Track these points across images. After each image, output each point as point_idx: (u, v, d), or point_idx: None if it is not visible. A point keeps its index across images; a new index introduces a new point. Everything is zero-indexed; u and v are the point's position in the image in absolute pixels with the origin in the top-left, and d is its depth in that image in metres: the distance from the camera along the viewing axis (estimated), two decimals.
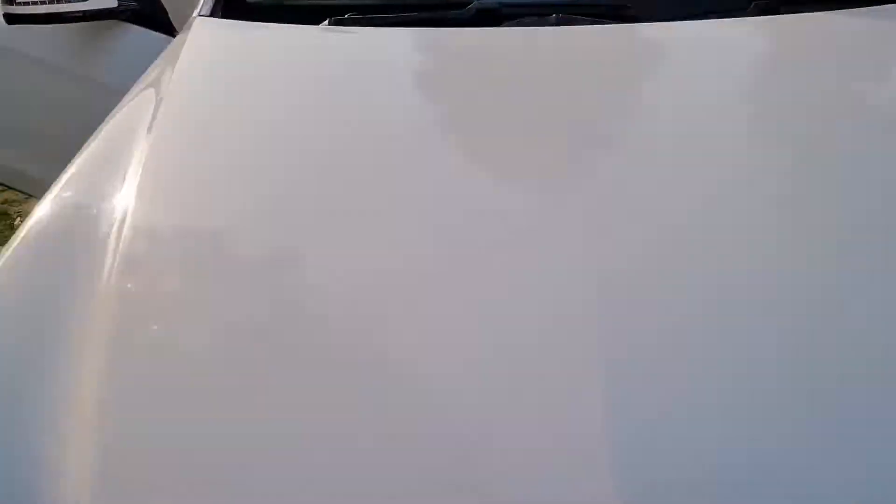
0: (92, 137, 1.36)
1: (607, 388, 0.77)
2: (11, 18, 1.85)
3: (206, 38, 1.61)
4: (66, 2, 1.82)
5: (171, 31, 1.99)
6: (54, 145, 1.98)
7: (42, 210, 1.17)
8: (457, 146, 1.25)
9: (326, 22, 1.57)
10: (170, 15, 2.08)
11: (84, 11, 1.85)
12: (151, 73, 1.53)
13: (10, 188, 2.82)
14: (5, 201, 3.50)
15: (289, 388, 0.84)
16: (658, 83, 1.38)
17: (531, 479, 0.73)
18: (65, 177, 1.25)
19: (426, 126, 1.31)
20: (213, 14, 1.66)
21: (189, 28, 1.65)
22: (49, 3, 1.81)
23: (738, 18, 1.51)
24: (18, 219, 3.37)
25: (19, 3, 1.82)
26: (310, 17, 1.60)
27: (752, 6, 1.50)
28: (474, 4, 1.54)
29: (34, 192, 2.45)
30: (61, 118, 2.06)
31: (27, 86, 2.13)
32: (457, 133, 1.28)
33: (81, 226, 1.12)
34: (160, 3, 2.05)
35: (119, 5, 1.89)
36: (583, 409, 0.76)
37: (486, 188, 1.12)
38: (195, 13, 1.70)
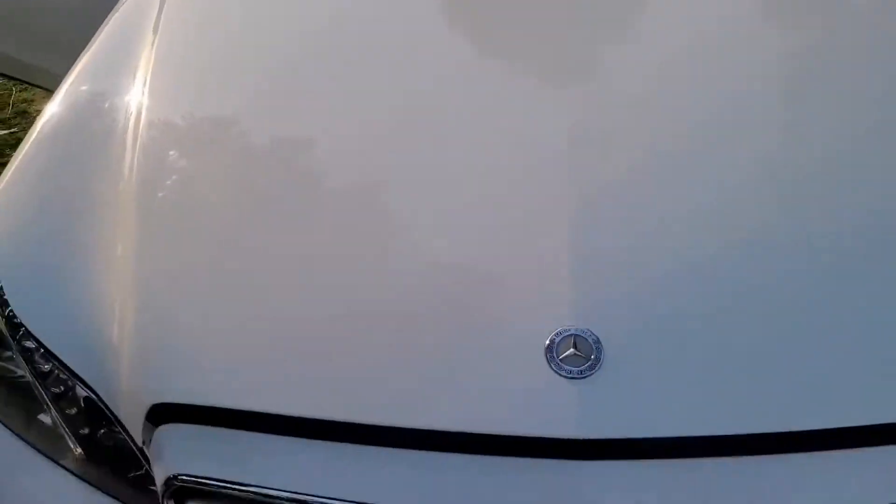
0: (101, 28, 1.47)
1: (575, 214, 0.92)
2: None
3: None
4: None
5: None
6: (58, 34, 2.25)
7: (57, 102, 1.30)
8: (453, 27, 1.33)
9: None
10: None
11: None
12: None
13: (15, 79, 2.90)
14: (24, 101, 3.65)
15: (306, 242, 0.99)
16: None
17: (507, 289, 0.88)
18: (76, 69, 1.38)
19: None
20: None
21: None
22: None
23: None
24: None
25: None
26: None
27: None
28: None
29: (42, 83, 2.68)
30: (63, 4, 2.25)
31: None
32: (452, 15, 1.35)
33: (97, 117, 1.24)
34: None
35: None
36: (552, 231, 0.90)
37: (477, 61, 1.23)
38: None
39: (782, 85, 1.14)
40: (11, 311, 1.03)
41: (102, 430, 1.01)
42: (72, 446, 1.03)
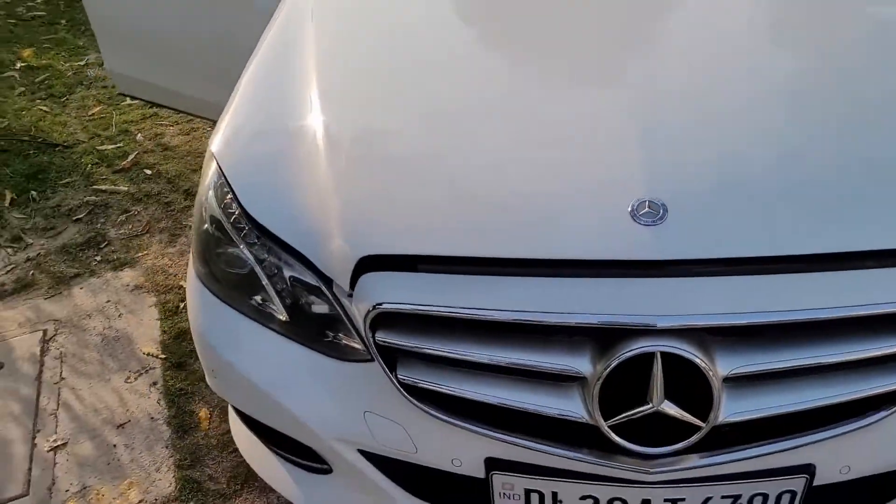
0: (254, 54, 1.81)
1: (647, 119, 1.35)
2: None
3: None
4: None
5: None
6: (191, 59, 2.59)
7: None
8: (539, 31, 1.69)
9: None
10: None
11: None
12: None
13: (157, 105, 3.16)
14: (126, 122, 3.75)
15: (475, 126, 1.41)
16: None
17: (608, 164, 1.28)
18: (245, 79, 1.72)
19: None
20: None
21: None
22: None
23: None
24: (139, 135, 3.59)
25: None
26: None
27: None
28: None
29: (182, 107, 2.90)
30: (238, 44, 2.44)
31: (205, 15, 2.54)
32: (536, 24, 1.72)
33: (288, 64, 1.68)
34: None
35: None
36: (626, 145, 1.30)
37: (559, 53, 1.61)
38: None
39: None
40: (242, 207, 1.40)
41: (306, 299, 1.35)
42: (280, 316, 1.38)
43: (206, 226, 1.49)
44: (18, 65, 4.60)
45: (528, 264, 1.18)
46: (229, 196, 1.45)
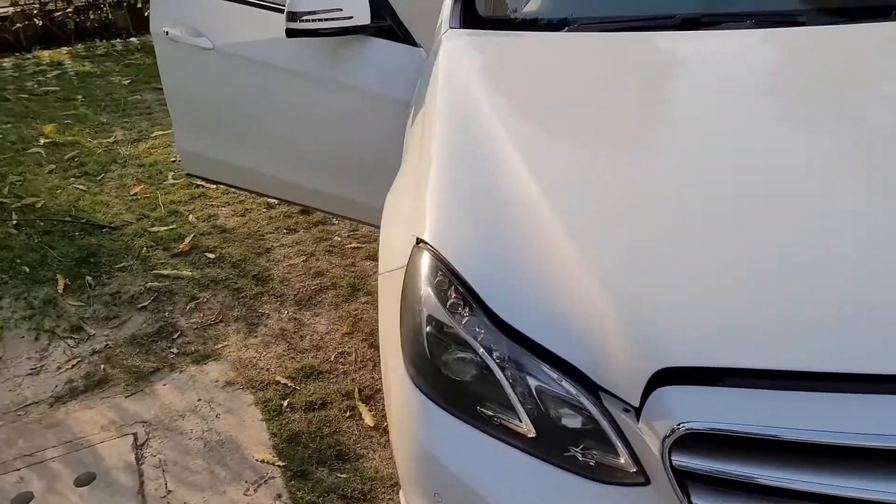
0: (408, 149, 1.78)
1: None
2: (291, 33, 2.19)
3: (471, 47, 1.97)
4: (336, 20, 2.19)
5: (411, 41, 2.31)
6: (326, 155, 2.54)
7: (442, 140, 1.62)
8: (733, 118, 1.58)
9: (566, 29, 1.96)
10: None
11: (349, 27, 2.21)
12: (434, 81, 1.86)
13: (281, 200, 3.04)
14: (173, 202, 3.56)
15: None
16: None
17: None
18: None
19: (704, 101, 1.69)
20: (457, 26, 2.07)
21: (446, 39, 2.00)
22: (323, 20, 2.19)
23: None
24: (191, 216, 3.41)
25: (304, 20, 2.17)
26: (540, 26, 2.04)
27: None
28: (683, 13, 1.95)
29: (305, 202, 2.79)
30: (324, 126, 2.50)
31: (285, 97, 2.53)
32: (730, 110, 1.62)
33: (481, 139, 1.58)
34: (398, 17, 2.37)
35: (373, 21, 2.24)
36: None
37: (783, 140, 1.49)
38: (444, 27, 2.11)
39: None
40: (482, 305, 1.24)
41: (557, 411, 1.19)
42: (523, 429, 1.21)
43: (425, 328, 1.34)
44: (42, 141, 4.42)
45: (860, 379, 1.07)
46: (455, 292, 1.31)
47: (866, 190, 1.33)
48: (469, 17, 2.16)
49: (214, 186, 3.74)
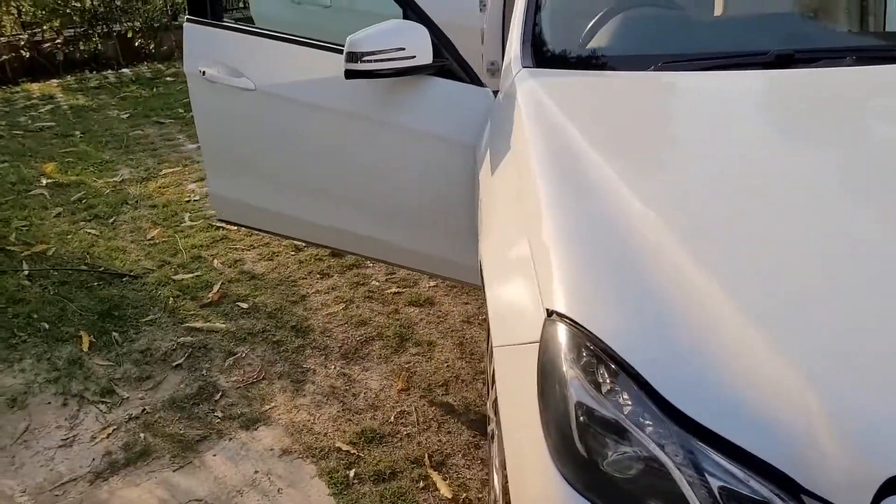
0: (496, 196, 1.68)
1: None
2: (351, 74, 2.07)
3: (554, 88, 1.86)
4: (397, 60, 2.06)
5: (477, 81, 2.19)
6: (380, 200, 2.39)
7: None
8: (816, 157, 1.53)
9: (653, 68, 1.87)
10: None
11: (411, 67, 2.09)
12: (518, 126, 1.74)
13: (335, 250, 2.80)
14: (194, 246, 3.27)
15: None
16: None
17: None
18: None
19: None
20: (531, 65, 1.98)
21: (521, 80, 1.89)
22: (385, 61, 2.06)
23: None
24: (216, 261, 3.21)
25: (365, 61, 2.06)
26: (622, 65, 1.94)
27: None
28: (775, 51, 1.86)
29: (354, 249, 2.61)
30: (379, 169, 2.35)
31: (336, 140, 2.38)
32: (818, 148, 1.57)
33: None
34: (461, 56, 2.25)
35: (434, 60, 2.12)
36: None
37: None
38: (514, 66, 2.00)
39: None
40: (652, 393, 1.09)
41: None
42: None
43: (574, 416, 1.19)
44: (44, 181, 4.21)
45: None
46: (610, 375, 1.16)
47: None
48: (541, 56, 2.04)
49: (236, 228, 3.56)
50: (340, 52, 2.32)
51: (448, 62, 2.18)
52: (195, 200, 3.93)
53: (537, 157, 1.61)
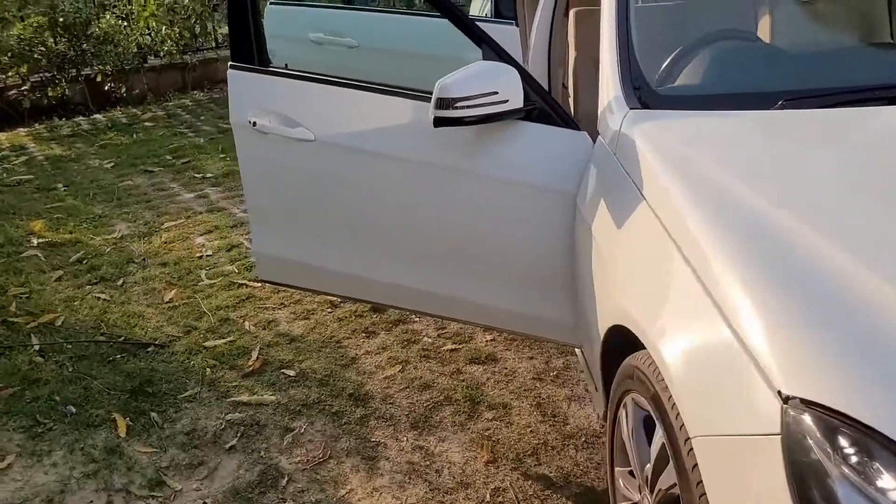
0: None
1: None
2: (441, 122, 1.91)
3: (677, 131, 1.74)
4: (490, 105, 1.90)
5: (572, 124, 2.01)
6: (460, 256, 2.19)
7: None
8: None
9: (778, 105, 1.75)
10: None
11: (504, 111, 1.92)
12: (648, 176, 1.62)
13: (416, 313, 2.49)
14: (219, 307, 2.96)
15: None
16: None
17: None
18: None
19: None
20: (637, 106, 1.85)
21: (631, 122, 1.77)
22: (476, 106, 1.89)
23: None
24: (247, 323, 2.90)
25: (457, 107, 1.88)
26: (743, 103, 1.80)
27: None
28: None
29: (426, 309, 2.36)
30: (461, 223, 2.14)
31: (410, 192, 2.18)
32: None
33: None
34: (553, 98, 2.07)
35: (526, 104, 1.96)
36: None
37: None
38: (617, 106, 1.87)
39: None
40: None
41: None
42: None
43: None
44: (35, 241, 3.88)
45: None
46: (886, 468, 0.99)
47: None
48: (647, 96, 1.89)
49: (261, 286, 3.31)
50: (411, 97, 2.14)
51: (538, 104, 2.01)
52: (208, 256, 3.66)
53: (702, 215, 1.42)
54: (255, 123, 2.28)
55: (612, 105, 1.93)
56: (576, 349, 2.30)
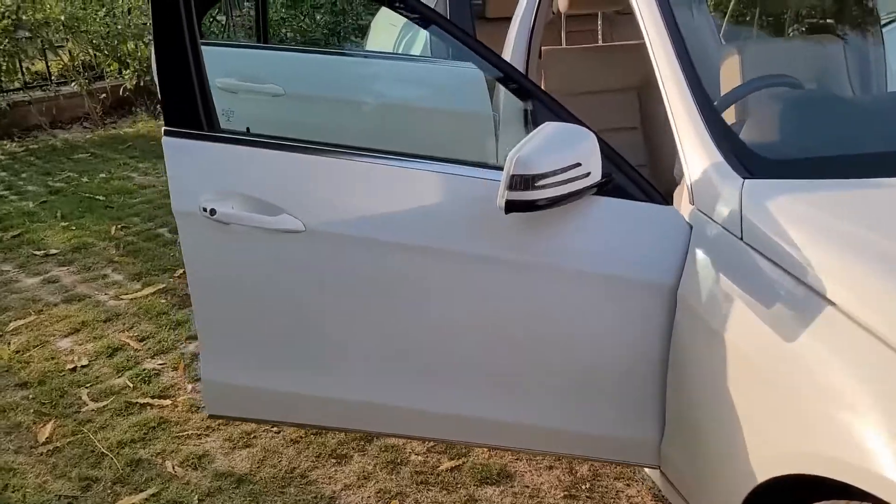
0: None
1: None
2: (516, 206, 1.47)
3: (828, 206, 1.42)
4: (575, 180, 1.48)
5: (657, 198, 1.61)
6: (526, 367, 1.69)
7: None
8: None
9: None
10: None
11: (587, 187, 1.51)
12: (782, 257, 1.34)
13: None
14: (122, 443, 2.15)
15: None
16: None
17: None
18: None
19: None
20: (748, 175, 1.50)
21: (753, 196, 1.44)
22: (561, 183, 1.46)
23: None
24: (168, 462, 2.12)
25: (539, 186, 1.44)
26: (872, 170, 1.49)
27: None
28: None
29: (493, 441, 1.81)
30: (524, 327, 1.66)
31: (445, 292, 1.66)
32: None
33: None
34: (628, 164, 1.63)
35: (604, 177, 1.54)
36: None
37: None
38: (721, 178, 1.51)
39: None
40: None
41: None
42: None
43: None
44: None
45: None
46: None
47: None
48: (755, 162, 1.53)
49: (169, 403, 2.55)
50: (439, 167, 1.62)
51: (614, 174, 1.58)
52: (83, 367, 2.80)
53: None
54: (212, 211, 1.63)
55: (711, 176, 1.54)
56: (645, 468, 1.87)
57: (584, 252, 1.59)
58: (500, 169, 1.47)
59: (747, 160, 1.52)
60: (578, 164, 1.47)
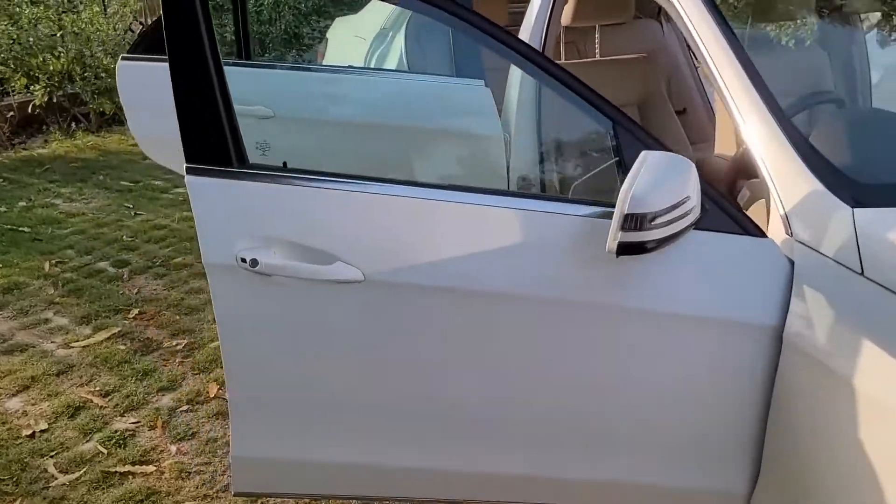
0: None
1: None
2: (629, 249, 1.30)
3: None
4: (682, 218, 1.31)
5: (752, 230, 1.46)
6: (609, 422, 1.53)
7: None
8: None
9: None
10: None
11: (693, 222, 1.34)
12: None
13: None
14: None
15: None
16: None
17: None
18: None
19: None
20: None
21: (868, 224, 1.32)
22: (673, 221, 1.30)
23: None
24: None
25: (655, 225, 1.28)
26: None
27: None
28: None
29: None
30: (605, 378, 1.50)
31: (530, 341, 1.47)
32: None
33: None
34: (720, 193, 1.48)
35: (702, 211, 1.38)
36: None
37: None
38: (822, 206, 1.39)
39: None
40: None
41: None
42: None
43: None
44: None
45: None
46: None
47: None
48: (852, 188, 1.42)
49: (154, 470, 2.23)
50: (517, 203, 1.43)
51: (707, 206, 1.44)
52: (43, 432, 2.43)
53: None
54: (253, 262, 1.38)
55: (809, 204, 1.42)
56: None
57: (675, 291, 1.44)
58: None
59: (850, 188, 1.42)
60: (688, 198, 1.32)
